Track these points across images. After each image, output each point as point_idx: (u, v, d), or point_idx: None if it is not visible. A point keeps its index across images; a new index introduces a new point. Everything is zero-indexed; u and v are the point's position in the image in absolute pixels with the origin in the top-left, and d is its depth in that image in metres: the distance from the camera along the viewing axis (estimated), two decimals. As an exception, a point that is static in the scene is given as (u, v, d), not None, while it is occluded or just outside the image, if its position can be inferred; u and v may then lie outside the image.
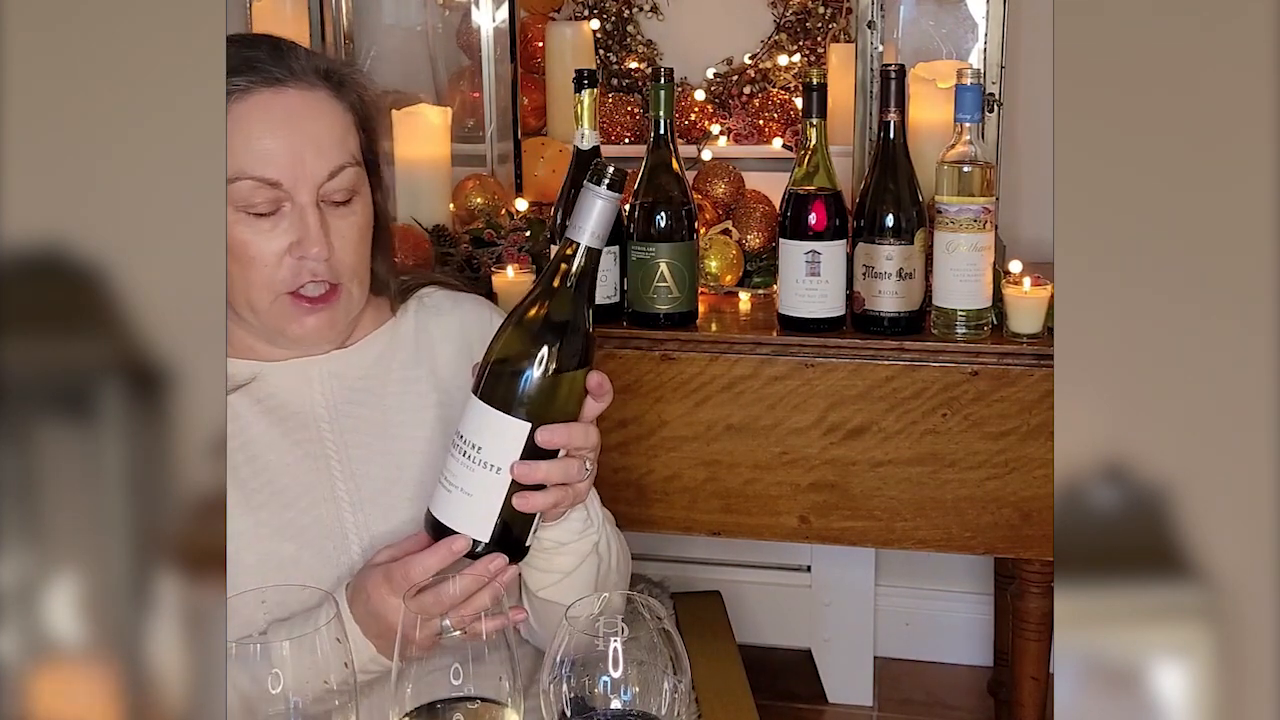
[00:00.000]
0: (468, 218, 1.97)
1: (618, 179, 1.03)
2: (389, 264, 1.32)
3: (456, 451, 1.05)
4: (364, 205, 1.23)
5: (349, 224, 1.21)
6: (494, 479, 1.04)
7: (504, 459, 1.04)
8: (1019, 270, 1.68)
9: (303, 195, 1.17)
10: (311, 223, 1.17)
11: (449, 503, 1.06)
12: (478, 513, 1.05)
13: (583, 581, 1.19)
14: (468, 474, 1.04)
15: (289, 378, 1.25)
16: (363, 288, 1.25)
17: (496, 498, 1.05)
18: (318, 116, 1.19)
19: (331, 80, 1.22)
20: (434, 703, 0.91)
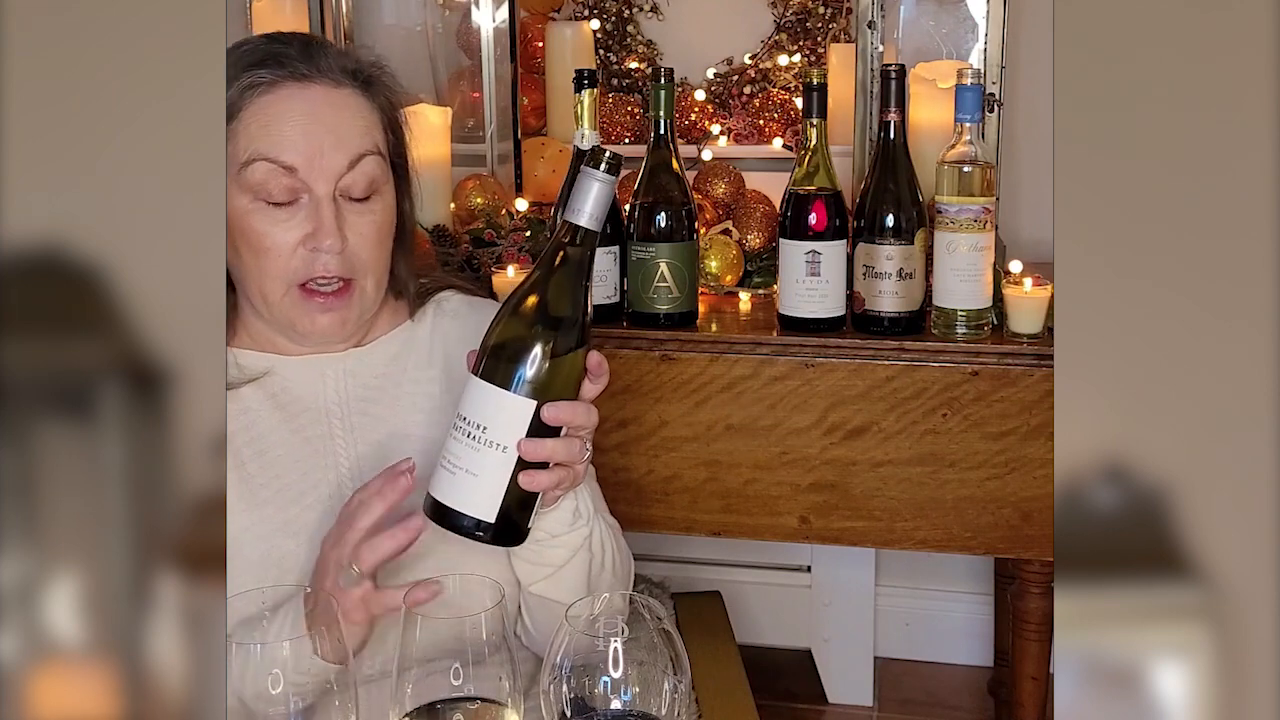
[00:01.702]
0: (468, 218, 1.97)
1: (614, 162, 1.06)
2: (411, 268, 1.32)
3: (459, 434, 1.06)
4: (384, 206, 1.23)
5: (366, 221, 1.20)
6: (500, 458, 1.04)
7: (510, 437, 1.04)
8: (1019, 270, 1.68)
9: (320, 187, 1.17)
10: (326, 215, 1.17)
11: (453, 484, 1.06)
12: (484, 493, 1.05)
13: (575, 577, 1.19)
14: (473, 454, 1.05)
15: (304, 373, 1.25)
16: (378, 288, 1.25)
17: (503, 477, 1.05)
18: (340, 111, 1.20)
19: (359, 79, 1.22)
20: (434, 703, 0.91)
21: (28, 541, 0.77)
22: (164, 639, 0.79)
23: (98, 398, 0.79)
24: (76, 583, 0.78)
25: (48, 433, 0.78)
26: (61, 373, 0.79)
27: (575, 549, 1.18)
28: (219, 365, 0.98)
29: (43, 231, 0.78)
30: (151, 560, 0.79)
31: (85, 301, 0.79)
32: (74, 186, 0.79)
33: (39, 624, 0.77)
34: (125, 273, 0.79)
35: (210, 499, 0.83)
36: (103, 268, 0.79)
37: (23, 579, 0.76)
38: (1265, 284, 0.79)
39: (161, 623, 0.79)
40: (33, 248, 0.78)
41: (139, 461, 0.79)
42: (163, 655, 0.79)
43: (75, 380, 0.79)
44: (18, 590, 0.76)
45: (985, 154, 1.64)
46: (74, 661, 0.77)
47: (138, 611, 0.79)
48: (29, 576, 0.76)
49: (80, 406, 0.78)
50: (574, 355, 1.07)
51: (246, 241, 1.18)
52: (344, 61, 1.22)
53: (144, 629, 0.79)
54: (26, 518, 0.77)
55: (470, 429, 1.05)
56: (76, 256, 0.78)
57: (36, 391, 0.77)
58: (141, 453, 0.79)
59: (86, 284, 0.79)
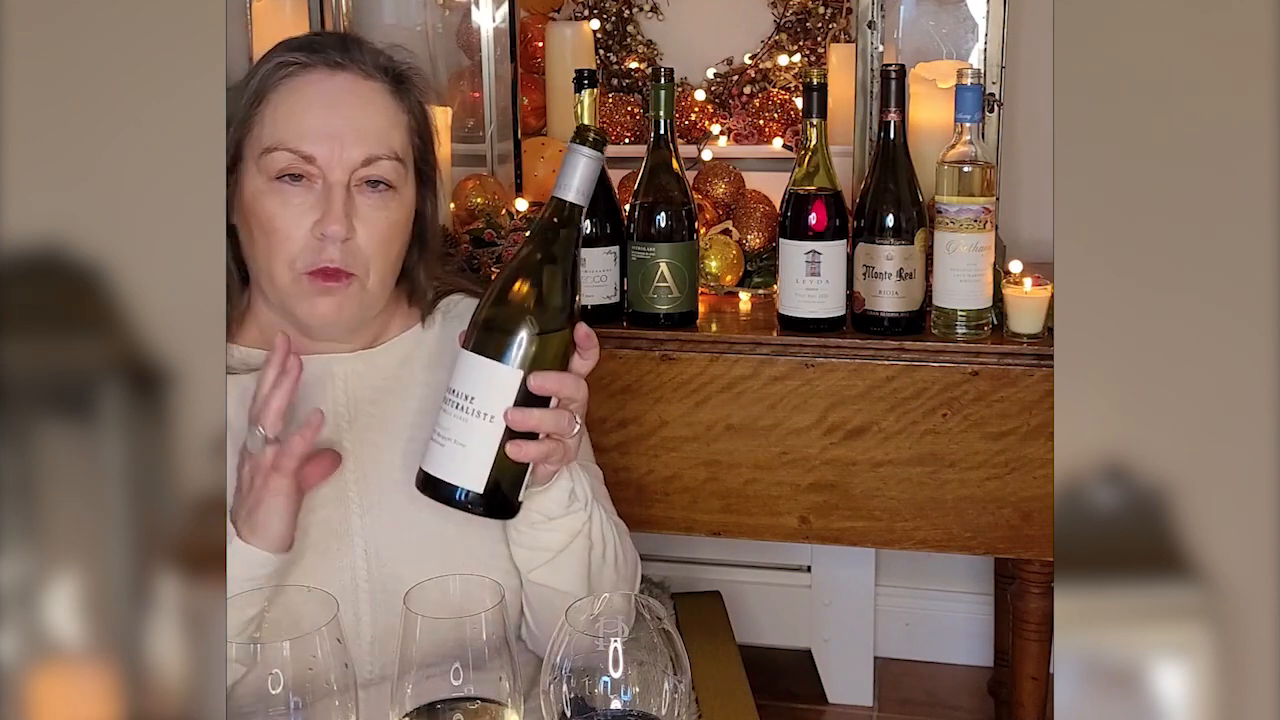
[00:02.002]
0: (468, 218, 1.97)
1: (599, 139, 1.10)
2: (430, 274, 1.32)
3: (449, 406, 1.08)
4: (401, 205, 1.23)
5: (378, 215, 1.20)
6: (487, 427, 1.07)
7: (497, 406, 1.07)
8: (1019, 270, 1.68)
9: (335, 174, 1.18)
10: (336, 201, 1.17)
11: (441, 455, 1.08)
12: (471, 462, 1.07)
13: (573, 564, 1.19)
14: (461, 425, 1.07)
15: (312, 372, 1.24)
16: (382, 286, 1.24)
17: (490, 446, 1.07)
18: (366, 104, 1.20)
19: (390, 75, 1.23)
20: (434, 703, 0.91)
21: (28, 541, 0.77)
22: (164, 639, 0.79)
23: (98, 398, 0.79)
24: (76, 583, 0.78)
25: (48, 433, 0.78)
26: (61, 373, 0.78)
27: (573, 534, 1.18)
28: (219, 365, 0.98)
29: (43, 231, 0.78)
30: (151, 560, 0.79)
31: (85, 301, 0.79)
32: (74, 186, 0.79)
33: (39, 624, 0.77)
34: (125, 273, 0.79)
35: (210, 499, 0.83)
36: (103, 268, 0.79)
37: (23, 579, 0.76)
38: (1265, 284, 0.79)
39: (161, 623, 0.79)
40: (33, 248, 0.78)
41: (139, 461, 0.79)
42: (163, 655, 0.79)
43: (75, 380, 0.79)
44: (18, 590, 0.76)
45: (985, 154, 1.64)
46: (74, 662, 0.77)
47: (138, 612, 0.79)
48: (29, 576, 0.76)
49: (80, 406, 0.78)
50: (563, 331, 1.10)
51: (258, 221, 1.19)
52: (378, 58, 1.23)
53: (144, 629, 0.79)
54: (26, 518, 0.77)
55: (459, 400, 1.07)
56: (76, 256, 0.78)
57: (36, 391, 0.77)
58: (141, 453, 0.79)
59: (86, 284, 0.79)
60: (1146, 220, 0.82)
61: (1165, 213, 0.81)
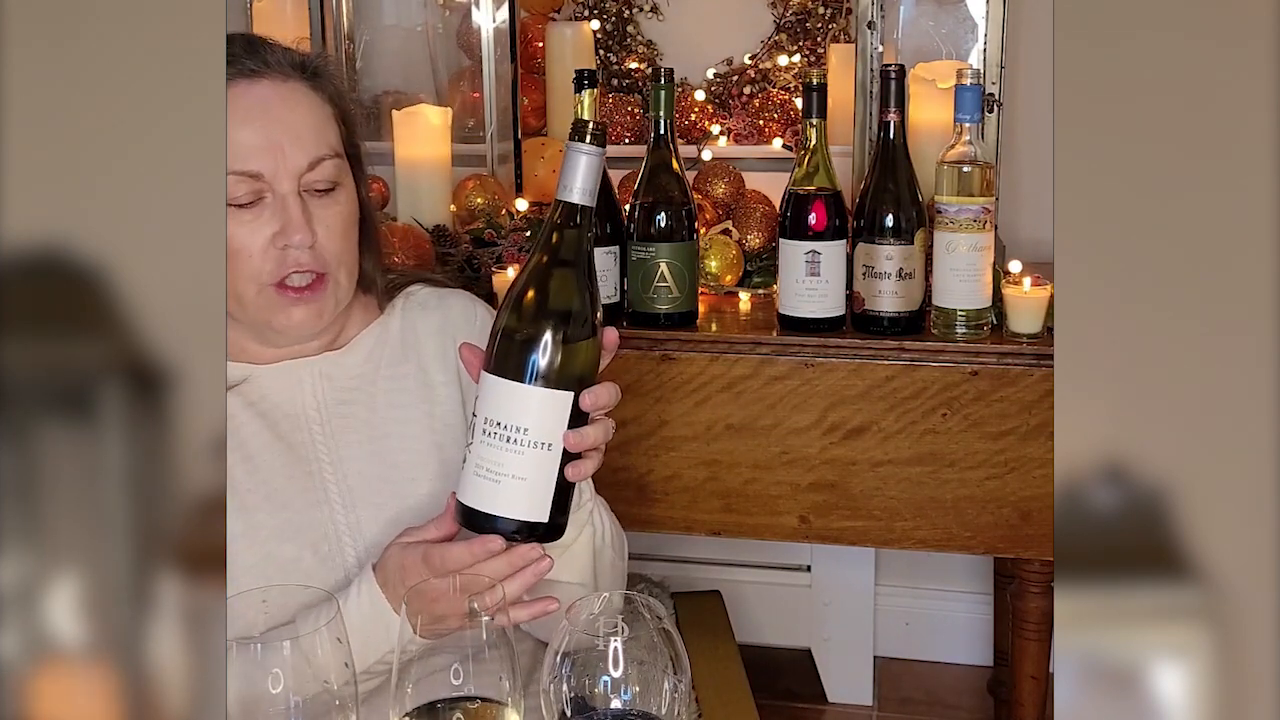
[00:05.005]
0: (468, 218, 1.97)
1: (598, 133, 1.03)
2: (376, 260, 1.31)
3: (495, 439, 1.01)
4: (348, 196, 1.23)
5: (333, 213, 1.21)
6: (546, 456, 1.01)
7: (554, 434, 1.01)
8: (1019, 270, 1.68)
9: (283, 184, 1.17)
10: (294, 211, 1.17)
11: (495, 491, 1.02)
12: (535, 495, 1.02)
13: (583, 554, 1.19)
14: (517, 459, 1.01)
15: (280, 380, 1.25)
16: (350, 278, 1.25)
17: (551, 475, 1.02)
18: (294, 107, 1.20)
19: (306, 72, 1.22)
20: (434, 703, 0.91)
21: (28, 541, 0.77)
22: (164, 640, 0.79)
23: (98, 398, 0.79)
24: (77, 583, 0.78)
25: (48, 433, 0.78)
26: (61, 373, 0.78)
27: (581, 525, 1.18)
28: (219, 365, 0.98)
29: (43, 231, 0.78)
30: (151, 561, 0.79)
31: (85, 302, 0.79)
32: (75, 187, 0.79)
33: (39, 625, 0.77)
34: (125, 273, 0.79)
35: (210, 499, 0.83)
36: (103, 268, 0.79)
37: (23, 579, 0.76)
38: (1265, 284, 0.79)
39: (161, 624, 0.79)
40: (33, 248, 0.78)
41: (139, 462, 0.79)
42: (163, 656, 0.79)
43: (75, 380, 0.79)
44: (18, 590, 0.76)
45: (985, 154, 1.64)
46: (74, 662, 0.77)
47: (138, 612, 0.79)
48: (29, 577, 0.76)
49: (80, 407, 0.78)
50: (594, 336, 1.05)
51: None
52: (289, 56, 1.22)
53: (144, 630, 0.79)
54: (26, 518, 0.77)
55: (509, 433, 1.01)
56: (77, 257, 0.78)
57: (36, 391, 0.77)
58: (141, 453, 0.79)
59: (87, 284, 0.78)
60: (1146, 220, 0.82)
61: (1165, 213, 0.81)
